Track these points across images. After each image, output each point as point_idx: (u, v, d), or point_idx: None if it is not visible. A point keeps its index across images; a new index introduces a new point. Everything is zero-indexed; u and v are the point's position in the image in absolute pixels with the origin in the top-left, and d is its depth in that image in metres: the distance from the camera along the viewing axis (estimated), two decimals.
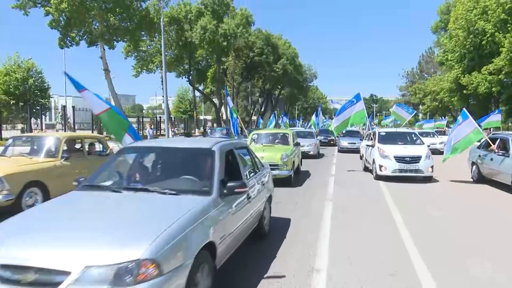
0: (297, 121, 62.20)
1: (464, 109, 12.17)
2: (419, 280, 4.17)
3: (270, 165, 9.21)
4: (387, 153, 11.51)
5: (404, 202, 8.49)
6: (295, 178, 10.99)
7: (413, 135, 13.56)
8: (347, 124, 14.62)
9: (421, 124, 42.85)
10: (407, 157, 11.28)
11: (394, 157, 11.31)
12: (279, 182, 9.55)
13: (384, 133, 13.50)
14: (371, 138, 13.53)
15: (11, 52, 36.04)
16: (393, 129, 16.88)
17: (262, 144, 11.81)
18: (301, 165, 13.17)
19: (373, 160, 12.01)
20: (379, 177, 11.52)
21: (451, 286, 4.07)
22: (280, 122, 40.04)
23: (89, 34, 31.73)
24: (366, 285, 4.07)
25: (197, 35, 38.58)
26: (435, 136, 23.61)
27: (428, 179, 11.50)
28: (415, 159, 11.26)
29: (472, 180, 11.65)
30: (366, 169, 13.69)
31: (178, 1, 41.18)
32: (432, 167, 11.34)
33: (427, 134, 23.25)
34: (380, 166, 11.44)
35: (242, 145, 5.77)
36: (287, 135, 12.47)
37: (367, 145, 13.45)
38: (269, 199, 6.00)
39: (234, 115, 18.81)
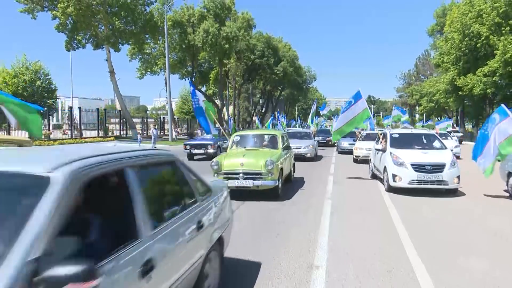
0: (293, 121, 58.54)
1: (503, 105, 9.55)
2: (416, 276, 4.17)
3: (252, 174, 8.10)
4: (402, 159, 9.30)
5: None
6: (285, 187, 9.32)
7: (431, 137, 11.06)
8: (350, 127, 12.43)
9: (430, 125, 38.94)
10: (427, 165, 9.02)
11: (412, 165, 9.09)
12: (263, 194, 8.32)
13: (397, 135, 11.01)
14: (381, 140, 11.09)
15: (20, 54, 36.00)
16: (408, 130, 14.03)
17: (245, 147, 9.73)
18: (294, 171, 11.41)
19: (385, 167, 9.81)
20: (392, 189, 9.37)
21: (447, 282, 4.06)
22: (276, 122, 39.19)
23: (95, 37, 31.81)
24: (364, 281, 4.08)
25: (199, 38, 38.61)
26: (449, 138, 20.04)
27: (453, 192, 9.24)
28: (438, 168, 8.99)
29: (508, 194, 9.06)
30: (374, 176, 11.63)
31: (181, 5, 41.26)
32: (458, 177, 9.10)
33: (439, 136, 18.58)
34: (394, 176, 9.26)
35: (158, 160, 3.09)
36: (275, 137, 10.15)
37: (377, 149, 11.09)
38: (218, 243, 3.60)
39: (209, 111, 14.18)
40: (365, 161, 15.03)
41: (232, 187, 7.58)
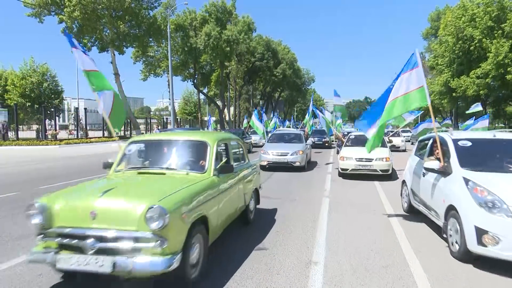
0: (287, 121, 54.59)
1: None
2: (411, 272, 4.18)
3: (116, 240, 3.33)
4: (499, 196, 4.27)
5: None
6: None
7: None
8: (397, 111, 6.14)
9: (448, 124, 25.17)
10: None
11: None
12: None
13: (469, 143, 5.48)
14: (436, 152, 5.84)
15: (27, 56, 36.14)
16: (487, 134, 6.33)
17: (139, 170, 4.71)
18: (257, 203, 6.63)
19: (449, 208, 4.84)
20: (470, 257, 4.43)
21: (441, 277, 4.08)
22: (279, 122, 32.94)
23: (100, 40, 31.85)
24: (361, 276, 4.09)
25: (201, 41, 38.68)
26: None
27: None
28: None
29: None
30: (411, 209, 6.69)
31: (183, 9, 41.31)
32: None
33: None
34: (481, 233, 4.21)
35: None
36: (204, 146, 4.91)
37: (427, 169, 5.72)
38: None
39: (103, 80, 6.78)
40: (356, 175, 11.27)
41: (71, 270, 3.37)
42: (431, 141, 6.37)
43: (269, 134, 18.18)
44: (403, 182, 7.38)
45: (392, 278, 4.03)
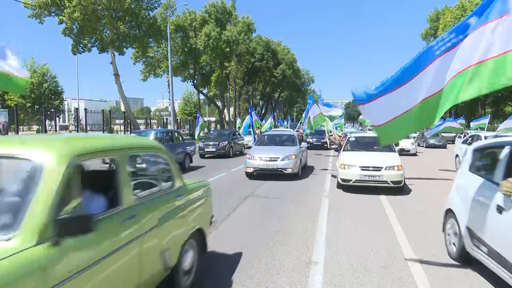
0: (285, 122, 49.53)
1: None
2: (411, 272, 4.18)
3: None
4: None
5: None
6: None
7: None
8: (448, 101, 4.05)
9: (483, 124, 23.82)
10: None
11: None
12: None
13: None
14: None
15: (28, 57, 36.18)
16: None
17: None
18: (204, 252, 4.05)
19: None
20: None
21: (440, 276, 4.07)
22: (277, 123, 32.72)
23: (100, 41, 31.86)
24: (361, 276, 4.08)
25: (201, 42, 38.71)
26: None
27: None
28: None
29: None
30: (466, 258, 4.17)
31: (183, 10, 41.33)
32: None
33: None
34: None
35: None
36: (32, 169, 2.12)
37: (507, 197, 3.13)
38: None
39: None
40: (358, 188, 8.98)
41: None
42: (507, 150, 3.74)
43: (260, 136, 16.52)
44: (448, 211, 4.70)
45: (392, 278, 4.03)
